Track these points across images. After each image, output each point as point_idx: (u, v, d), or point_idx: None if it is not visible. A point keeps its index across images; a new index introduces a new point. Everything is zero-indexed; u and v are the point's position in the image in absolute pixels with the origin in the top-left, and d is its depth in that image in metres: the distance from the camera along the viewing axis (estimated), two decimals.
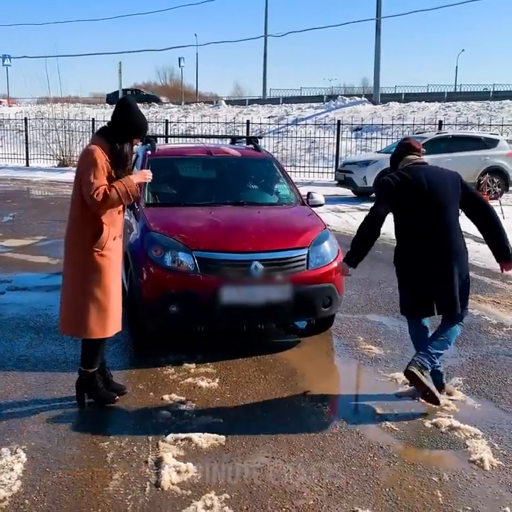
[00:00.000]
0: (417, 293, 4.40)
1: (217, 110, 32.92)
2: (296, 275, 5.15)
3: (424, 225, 4.29)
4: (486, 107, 28.26)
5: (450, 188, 4.35)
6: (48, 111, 26.64)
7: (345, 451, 3.71)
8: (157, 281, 5.10)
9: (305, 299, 5.17)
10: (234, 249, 5.12)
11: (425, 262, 4.29)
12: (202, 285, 4.99)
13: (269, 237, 5.34)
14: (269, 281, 5.06)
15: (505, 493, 3.31)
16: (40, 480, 3.37)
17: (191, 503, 3.15)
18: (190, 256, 5.05)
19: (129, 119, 4.03)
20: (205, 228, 5.43)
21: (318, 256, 5.33)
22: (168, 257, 5.10)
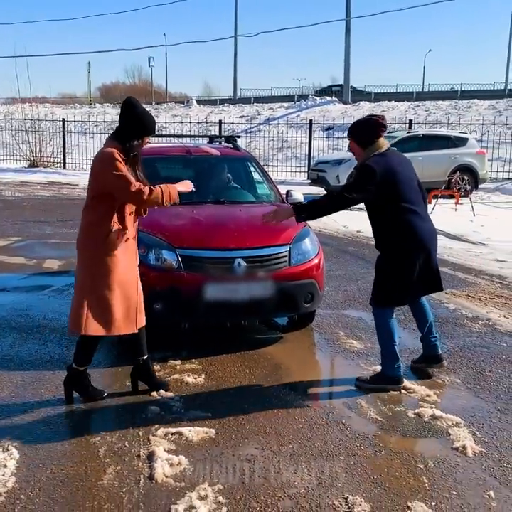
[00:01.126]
0: (415, 278, 4.47)
1: (189, 110, 32.92)
2: (279, 272, 5.23)
3: (414, 209, 4.44)
4: (454, 106, 28.75)
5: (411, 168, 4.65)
6: (17, 111, 26.34)
7: (332, 442, 3.80)
8: (141, 279, 5.13)
9: (287, 295, 5.26)
10: (217, 246, 5.20)
11: (422, 242, 4.43)
12: (186, 282, 5.05)
13: (252, 235, 5.41)
14: (251, 277, 5.14)
15: (488, 478, 3.43)
16: (34, 476, 3.40)
17: (186, 494, 3.21)
18: (174, 254, 5.11)
19: (138, 118, 4.06)
20: (188, 226, 5.49)
21: (300, 253, 5.43)
22: (151, 255, 5.15)
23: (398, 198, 4.40)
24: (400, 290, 4.53)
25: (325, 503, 3.17)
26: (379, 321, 4.67)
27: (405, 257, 4.45)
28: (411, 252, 4.43)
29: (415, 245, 4.43)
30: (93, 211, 4.09)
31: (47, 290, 7.23)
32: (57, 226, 12.01)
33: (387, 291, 4.56)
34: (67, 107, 39.33)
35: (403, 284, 4.50)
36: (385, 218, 4.49)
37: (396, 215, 4.42)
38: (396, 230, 4.44)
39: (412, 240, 4.42)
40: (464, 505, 3.17)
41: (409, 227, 4.41)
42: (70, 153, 24.87)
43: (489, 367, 5.03)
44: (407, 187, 4.46)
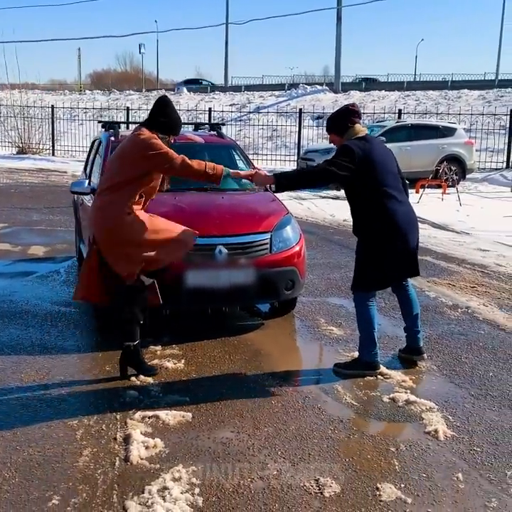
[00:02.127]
0: (393, 261, 4.53)
1: (179, 97, 32.79)
2: (260, 259, 5.28)
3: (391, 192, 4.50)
4: (444, 96, 28.78)
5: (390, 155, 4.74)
6: (6, 97, 26.19)
7: (307, 425, 3.86)
8: None
9: (268, 282, 5.30)
10: (198, 233, 5.22)
11: (398, 225, 4.48)
12: (167, 269, 5.08)
13: (233, 222, 5.44)
14: (233, 264, 5.19)
15: (458, 461, 3.50)
16: (11, 457, 3.44)
17: (160, 476, 3.26)
18: None
19: (170, 117, 4.39)
20: (170, 213, 5.48)
21: (281, 240, 5.47)
22: None
23: (375, 181, 4.46)
24: (377, 274, 4.58)
25: (296, 484, 3.23)
26: (359, 306, 4.73)
27: (382, 241, 4.50)
28: (387, 235, 4.48)
29: (391, 229, 4.47)
30: (118, 192, 4.29)
31: (31, 276, 7.25)
32: (44, 213, 12.00)
33: (366, 275, 4.61)
34: (56, 94, 39.08)
35: (381, 268, 4.55)
36: (362, 201, 4.54)
37: (372, 198, 4.47)
38: (372, 214, 4.49)
39: (387, 223, 4.46)
40: (432, 487, 3.23)
41: (384, 210, 4.46)
42: (59, 140, 24.80)
43: (465, 354, 5.10)
44: (384, 171, 4.52)
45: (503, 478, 3.33)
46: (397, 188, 4.59)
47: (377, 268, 4.56)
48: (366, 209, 4.52)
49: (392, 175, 4.60)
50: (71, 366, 4.72)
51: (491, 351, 5.16)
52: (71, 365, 4.75)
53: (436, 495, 3.17)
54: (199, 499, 3.08)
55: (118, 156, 4.44)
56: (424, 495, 3.17)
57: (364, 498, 3.14)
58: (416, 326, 4.90)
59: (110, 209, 4.30)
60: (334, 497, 3.13)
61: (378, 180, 4.47)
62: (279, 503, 3.07)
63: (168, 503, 3.04)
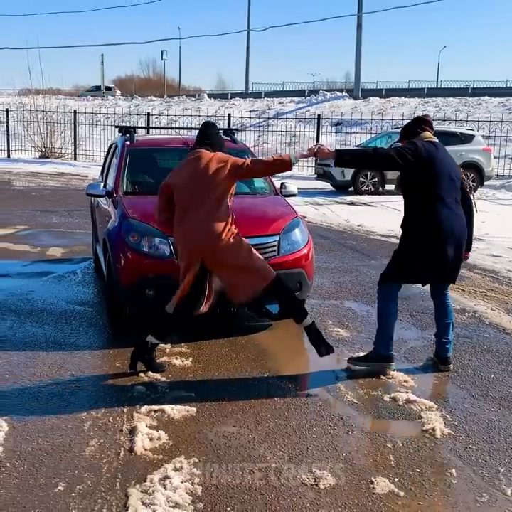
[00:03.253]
0: (425, 263, 4.61)
1: (200, 103, 33.08)
2: (268, 261, 5.33)
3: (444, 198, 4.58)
4: (464, 103, 28.72)
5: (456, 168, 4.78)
6: (30, 102, 26.65)
7: (307, 421, 3.97)
8: (134, 266, 5.32)
9: None
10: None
11: (439, 232, 4.56)
12: (177, 269, 5.20)
13: (242, 225, 5.50)
14: None
15: (452, 458, 3.59)
16: (21, 446, 3.59)
17: (162, 466, 3.40)
18: (166, 241, 5.28)
19: (219, 136, 4.89)
20: None
21: (289, 243, 5.59)
22: (144, 242, 5.33)
23: (431, 182, 4.54)
24: (409, 269, 4.68)
25: (293, 476, 3.35)
26: (381, 299, 4.83)
27: (420, 240, 4.60)
28: (426, 237, 4.58)
29: (431, 232, 4.55)
30: (220, 209, 4.58)
31: (48, 276, 7.44)
32: (63, 216, 12.24)
33: (398, 268, 4.73)
34: (79, 99, 39.60)
35: (413, 265, 4.65)
36: (413, 198, 4.65)
37: (424, 197, 4.57)
38: (419, 212, 4.60)
39: (430, 226, 4.55)
40: (425, 482, 3.33)
41: (431, 212, 4.55)
42: (81, 144, 25.17)
43: (469, 356, 5.18)
44: (442, 175, 4.58)
45: (495, 474, 3.42)
46: (451, 196, 4.63)
47: (410, 264, 4.66)
48: (415, 206, 4.64)
49: (451, 182, 4.64)
50: (82, 362, 4.88)
51: (495, 354, 5.23)
52: (82, 361, 4.90)
53: (428, 489, 3.26)
54: (198, 488, 3.21)
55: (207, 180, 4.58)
56: (417, 489, 3.26)
57: (358, 490, 3.24)
58: (446, 334, 4.93)
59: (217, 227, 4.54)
60: (329, 489, 3.24)
61: (434, 182, 4.55)
62: (275, 494, 3.18)
63: (168, 491, 3.17)
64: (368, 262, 8.46)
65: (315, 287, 7.01)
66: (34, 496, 3.13)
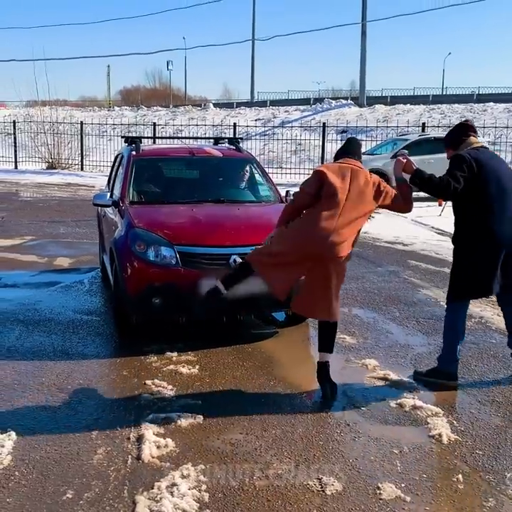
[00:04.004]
0: (476, 273, 4.53)
1: (205, 113, 33.23)
2: None
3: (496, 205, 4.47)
4: (469, 109, 28.73)
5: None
6: (37, 114, 26.83)
7: (314, 428, 3.99)
8: (141, 275, 5.36)
9: None
10: (213, 243, 5.39)
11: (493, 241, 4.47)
12: (183, 278, 5.25)
13: (247, 233, 5.60)
14: None
15: (459, 463, 3.59)
16: (30, 455, 3.62)
17: (169, 473, 3.42)
18: (172, 250, 5.31)
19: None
20: (187, 224, 5.70)
21: None
22: (151, 251, 5.36)
23: (483, 190, 4.45)
24: (469, 284, 4.59)
25: (299, 482, 3.36)
26: (449, 316, 4.76)
27: (470, 251, 4.53)
28: (476, 247, 4.50)
29: (483, 242, 4.48)
30: (359, 225, 4.60)
31: (55, 286, 7.48)
32: (70, 226, 12.30)
33: (456, 285, 4.67)
34: (86, 110, 39.84)
35: (472, 278, 4.56)
36: (463, 210, 4.55)
37: (475, 208, 4.48)
38: (470, 225, 4.52)
39: (480, 236, 4.48)
40: (431, 487, 3.34)
41: (483, 225, 4.46)
42: (88, 155, 25.29)
43: (475, 362, 5.18)
44: (494, 182, 4.47)
45: (502, 480, 3.42)
46: (506, 202, 4.51)
47: (468, 278, 4.57)
48: (466, 218, 4.54)
49: (505, 187, 4.52)
50: (90, 371, 4.90)
51: (501, 359, 5.22)
52: (90, 369, 4.93)
53: (435, 494, 3.27)
54: (205, 495, 3.23)
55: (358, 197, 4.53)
56: (424, 494, 3.27)
57: (364, 496, 3.25)
58: None
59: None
60: (336, 495, 3.25)
61: (487, 190, 4.45)
62: (282, 500, 3.20)
63: (175, 498, 3.19)
64: (374, 269, 8.47)
65: None
66: (43, 504, 3.16)
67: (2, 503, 3.17)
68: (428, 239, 11.02)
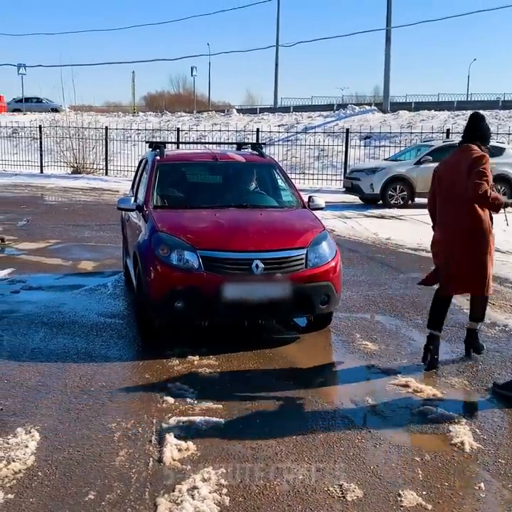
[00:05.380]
0: None
1: (229, 119, 33.30)
2: (295, 274, 5.43)
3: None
4: (494, 115, 28.43)
5: None
6: (62, 119, 27.13)
7: (335, 434, 3.98)
8: (164, 279, 5.40)
9: (303, 297, 5.45)
10: (236, 248, 5.42)
11: None
12: (206, 282, 5.28)
13: (270, 238, 5.63)
14: (269, 279, 5.35)
15: (481, 472, 3.57)
16: (52, 456, 3.66)
17: (190, 476, 3.44)
18: (195, 255, 5.34)
19: (488, 129, 5.19)
20: (210, 229, 5.73)
21: (317, 256, 5.61)
22: (174, 255, 5.39)
23: None
24: None
25: (320, 488, 3.36)
26: None
27: None
28: None
29: None
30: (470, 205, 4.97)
31: (80, 289, 7.56)
32: (94, 230, 12.42)
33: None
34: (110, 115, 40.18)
35: None
36: None
37: None
38: None
39: None
40: (453, 495, 3.31)
41: None
42: (112, 160, 25.48)
43: (499, 370, 5.13)
44: None
45: None
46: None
47: None
48: None
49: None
50: (113, 373, 4.95)
51: None
52: (113, 372, 4.97)
53: (456, 503, 3.25)
54: (226, 499, 3.24)
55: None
56: (445, 502, 3.25)
57: (385, 503, 3.24)
58: None
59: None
60: (356, 501, 3.25)
61: None
62: (303, 505, 3.20)
63: (196, 501, 3.20)
64: (397, 276, 8.43)
65: (343, 300, 7.00)
66: (65, 505, 3.19)
67: (25, 502, 3.21)
68: None
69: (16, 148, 28.39)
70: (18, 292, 7.38)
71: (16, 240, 10.89)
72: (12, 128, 30.00)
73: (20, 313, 6.51)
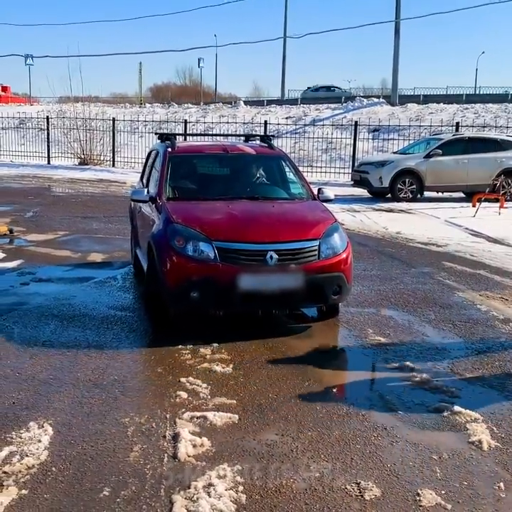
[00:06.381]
0: None
1: (236, 110, 33.17)
2: (308, 264, 5.49)
3: None
4: (504, 109, 28.25)
5: None
6: (69, 110, 27.05)
7: (350, 431, 3.93)
8: (180, 269, 5.45)
9: (316, 287, 5.53)
10: (251, 239, 5.46)
11: None
12: (221, 273, 5.32)
13: (284, 229, 5.68)
14: (283, 270, 5.41)
15: (500, 471, 3.51)
16: (66, 451, 3.63)
17: (205, 473, 3.39)
18: (210, 246, 5.38)
19: None
20: (224, 220, 5.75)
21: (329, 247, 5.67)
22: (189, 246, 5.44)
23: None
24: None
25: (337, 486, 3.31)
26: None
27: None
28: None
29: None
30: None
31: (89, 281, 7.53)
32: (103, 222, 12.38)
33: None
34: (117, 107, 40.07)
35: None
36: None
37: None
38: None
39: None
40: (473, 495, 3.26)
41: None
42: (119, 151, 25.44)
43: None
44: None
45: None
46: None
47: None
48: None
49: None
50: (125, 367, 4.91)
51: None
52: (125, 366, 4.94)
53: (476, 503, 3.20)
54: (242, 496, 3.20)
55: None
56: (465, 502, 3.20)
57: (404, 502, 3.19)
58: None
59: None
60: (374, 500, 3.20)
61: None
62: (320, 504, 3.15)
63: (212, 498, 3.16)
64: (408, 270, 8.36)
65: (355, 295, 6.97)
66: (80, 501, 3.15)
67: (40, 499, 3.17)
68: (462, 240, 10.85)
69: (23, 139, 28.38)
70: (27, 284, 7.35)
71: (24, 232, 10.86)
72: (19, 119, 29.98)
73: (31, 305, 6.48)
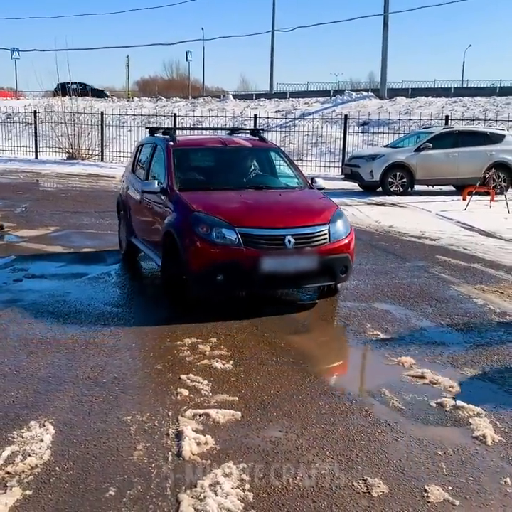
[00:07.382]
0: None
1: (225, 104, 33.06)
2: (321, 247, 6.03)
3: None
4: (492, 102, 28.34)
5: None
6: (57, 104, 26.81)
7: (354, 427, 3.92)
8: (206, 254, 5.85)
9: (328, 267, 6.11)
10: (270, 225, 5.96)
11: None
12: (245, 256, 5.77)
13: (298, 215, 6.22)
14: (299, 252, 5.95)
15: (506, 466, 3.51)
16: (69, 450, 3.59)
17: (211, 471, 3.37)
18: (234, 232, 5.83)
19: None
20: (242, 208, 6.21)
21: (336, 231, 6.24)
22: (214, 233, 5.86)
23: None
24: None
25: (344, 483, 3.30)
26: None
27: None
28: None
29: None
30: None
31: (83, 278, 7.47)
32: (94, 217, 12.29)
33: None
34: (105, 100, 39.81)
35: None
36: None
37: None
38: None
39: None
40: (479, 490, 3.26)
41: None
42: (108, 146, 25.24)
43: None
44: None
45: None
46: None
47: None
48: None
49: None
50: (124, 364, 4.87)
51: None
52: (124, 363, 4.89)
53: (484, 498, 3.19)
54: (249, 495, 3.18)
55: None
56: (472, 498, 3.20)
57: (412, 498, 3.18)
58: None
59: None
60: (382, 497, 3.19)
61: None
62: (328, 501, 3.14)
63: (219, 497, 3.14)
64: (403, 264, 8.37)
65: (351, 289, 6.98)
66: (85, 501, 3.12)
67: (44, 499, 3.13)
68: (455, 233, 10.86)
69: (10, 134, 28.08)
70: (20, 281, 7.28)
71: (15, 227, 10.76)
72: (6, 113, 29.71)
73: (25, 302, 6.42)
